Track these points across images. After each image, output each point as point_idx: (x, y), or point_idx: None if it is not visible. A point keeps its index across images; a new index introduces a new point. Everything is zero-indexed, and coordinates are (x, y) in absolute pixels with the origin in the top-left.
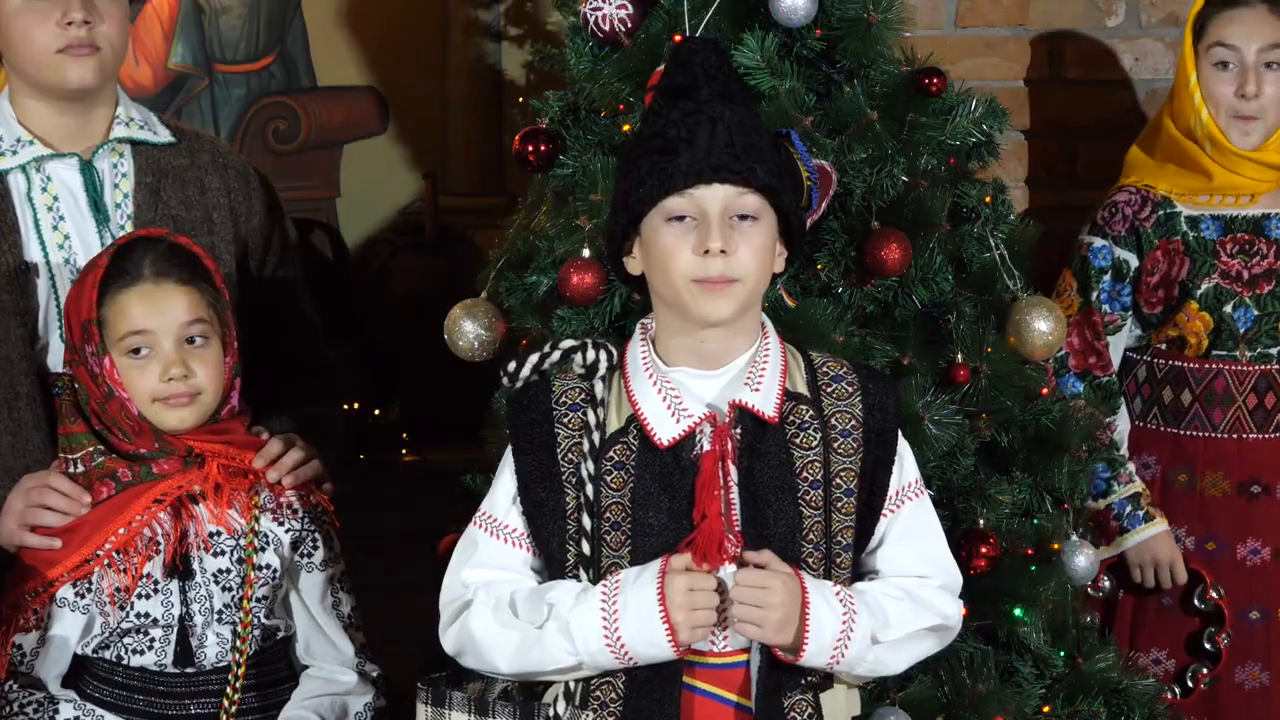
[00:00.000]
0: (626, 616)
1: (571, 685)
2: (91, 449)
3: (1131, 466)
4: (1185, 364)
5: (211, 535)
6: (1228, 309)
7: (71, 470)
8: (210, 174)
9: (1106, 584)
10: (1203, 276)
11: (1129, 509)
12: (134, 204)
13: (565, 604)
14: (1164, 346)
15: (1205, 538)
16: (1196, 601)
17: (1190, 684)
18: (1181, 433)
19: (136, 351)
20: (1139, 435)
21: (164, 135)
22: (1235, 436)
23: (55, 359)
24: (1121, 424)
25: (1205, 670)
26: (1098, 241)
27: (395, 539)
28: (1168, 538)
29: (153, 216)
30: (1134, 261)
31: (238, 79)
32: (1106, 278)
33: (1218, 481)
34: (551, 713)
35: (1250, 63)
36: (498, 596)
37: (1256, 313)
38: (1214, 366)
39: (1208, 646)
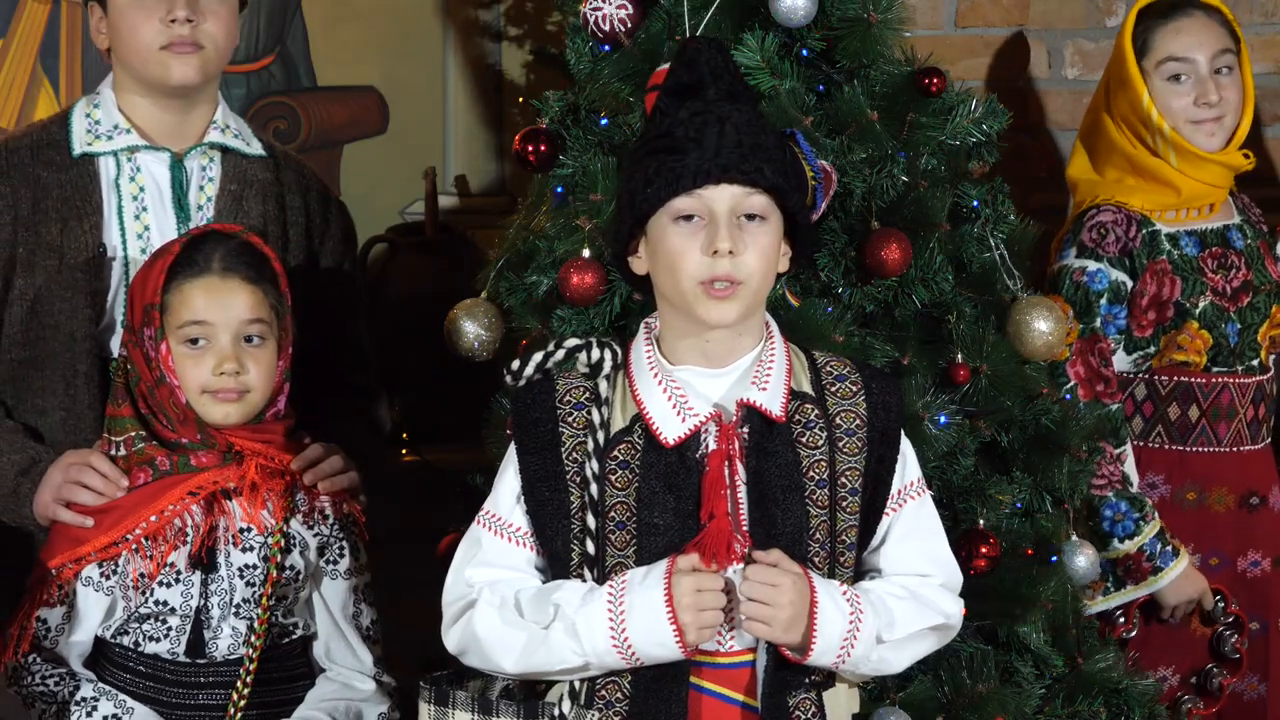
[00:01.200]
0: (634, 617)
1: (576, 684)
2: (134, 433)
3: (1150, 500)
4: (1192, 379)
5: (242, 531)
6: (1222, 325)
7: (113, 452)
8: (293, 192)
9: (1138, 621)
10: (1197, 294)
11: (1159, 547)
12: (215, 209)
13: (571, 604)
14: (1167, 363)
15: (1209, 553)
16: (1219, 617)
17: (1216, 691)
18: (1187, 449)
19: (194, 342)
20: (1140, 455)
21: (256, 148)
22: (1235, 450)
23: (118, 342)
24: (1129, 455)
25: (1229, 675)
26: (1092, 265)
27: (395, 539)
28: (1194, 570)
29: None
30: (1129, 283)
31: (238, 79)
32: (1103, 301)
33: (1223, 496)
34: (556, 712)
35: (1204, 73)
36: (503, 596)
37: (1240, 326)
38: (1219, 380)
39: (1231, 655)
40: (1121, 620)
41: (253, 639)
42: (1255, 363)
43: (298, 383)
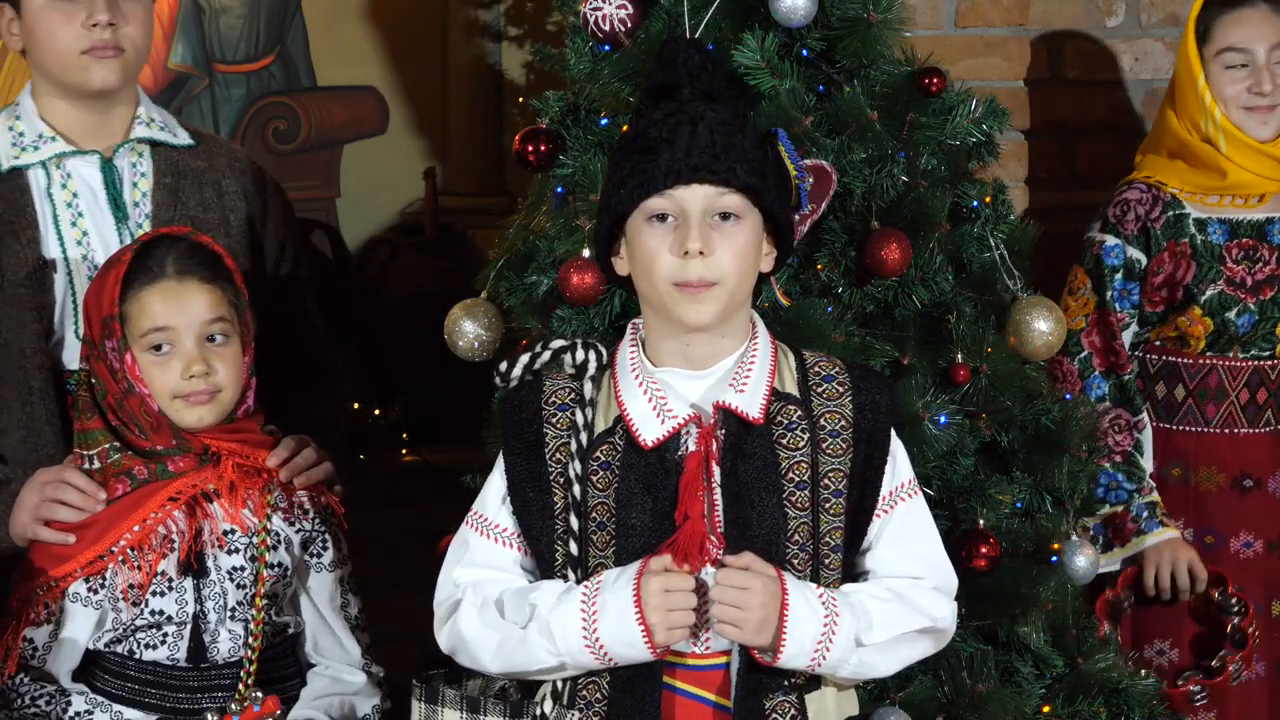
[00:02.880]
0: (604, 617)
1: (559, 685)
2: (107, 445)
3: (1152, 483)
4: (1180, 359)
5: (226, 533)
6: (1230, 314)
7: (87, 466)
8: (228, 178)
9: (1129, 598)
10: (1208, 282)
11: (1146, 513)
12: (152, 203)
13: (547, 604)
14: (1159, 343)
15: (1203, 531)
16: (1220, 599)
17: (1219, 664)
18: (1174, 428)
19: (158, 348)
20: None
21: (183, 137)
22: (1227, 431)
23: (70, 355)
24: (1146, 425)
25: (1228, 654)
26: (1110, 240)
27: (395, 539)
28: (1183, 543)
29: (171, 216)
30: (1143, 260)
31: (238, 79)
32: (1119, 276)
33: (1212, 475)
34: (539, 711)
35: (1262, 63)
36: (484, 596)
37: (1257, 318)
38: (1208, 362)
39: (1237, 636)
40: (1110, 589)
41: (251, 640)
42: (1268, 352)
43: (261, 368)
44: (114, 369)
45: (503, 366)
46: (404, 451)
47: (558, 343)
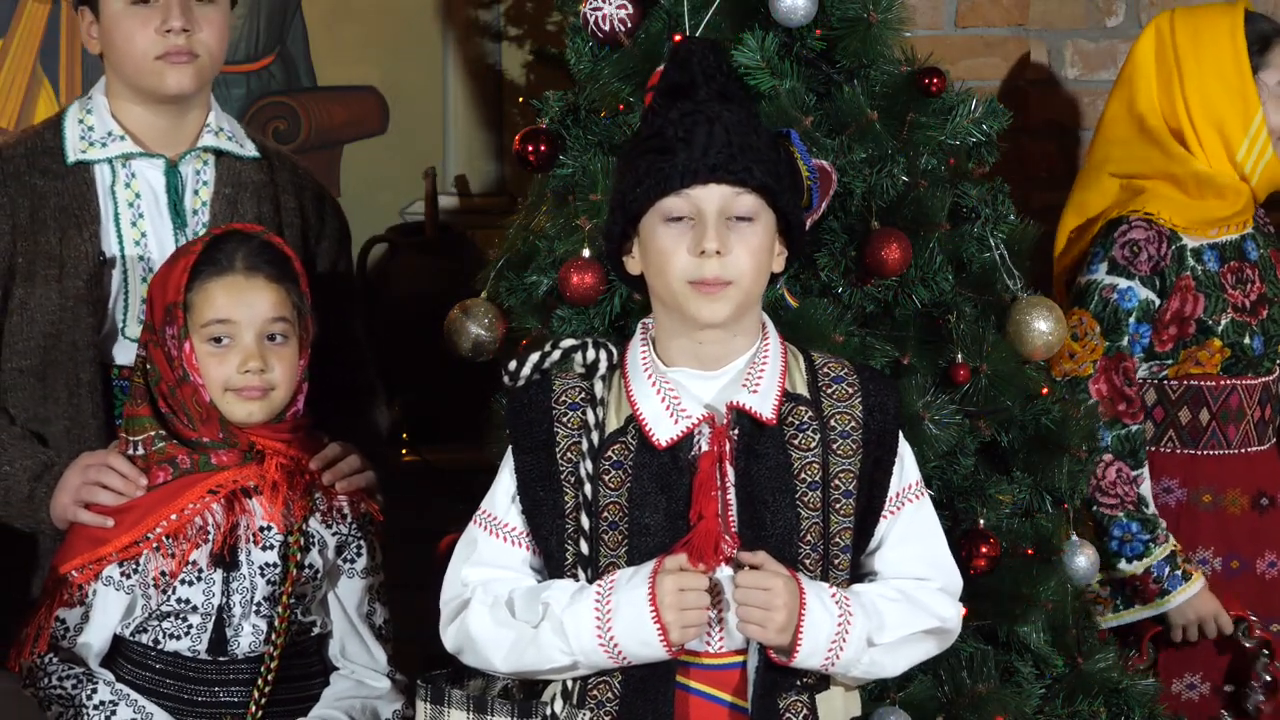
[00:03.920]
0: (619, 616)
1: (569, 684)
2: (154, 433)
3: (1164, 523)
4: (1203, 383)
5: (262, 529)
6: (1245, 341)
7: (131, 452)
8: (287, 193)
9: (1151, 653)
10: (1219, 312)
11: (1167, 570)
12: (211, 213)
13: (560, 603)
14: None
15: (1229, 556)
16: (1244, 640)
17: (1254, 712)
18: (1199, 453)
19: (218, 340)
20: (1153, 460)
21: (249, 150)
22: (1244, 451)
23: (119, 350)
24: (1146, 477)
25: (1262, 698)
26: (1123, 283)
27: (396, 539)
28: (1207, 593)
29: None
30: (1158, 302)
31: (238, 79)
32: (1132, 320)
33: (1236, 498)
34: (549, 711)
35: None
36: (495, 595)
37: (1264, 338)
38: (1229, 383)
39: (1266, 677)
40: (1135, 653)
41: (274, 637)
42: (1267, 367)
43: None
44: (171, 356)
45: (511, 365)
46: (404, 451)
47: (568, 342)
